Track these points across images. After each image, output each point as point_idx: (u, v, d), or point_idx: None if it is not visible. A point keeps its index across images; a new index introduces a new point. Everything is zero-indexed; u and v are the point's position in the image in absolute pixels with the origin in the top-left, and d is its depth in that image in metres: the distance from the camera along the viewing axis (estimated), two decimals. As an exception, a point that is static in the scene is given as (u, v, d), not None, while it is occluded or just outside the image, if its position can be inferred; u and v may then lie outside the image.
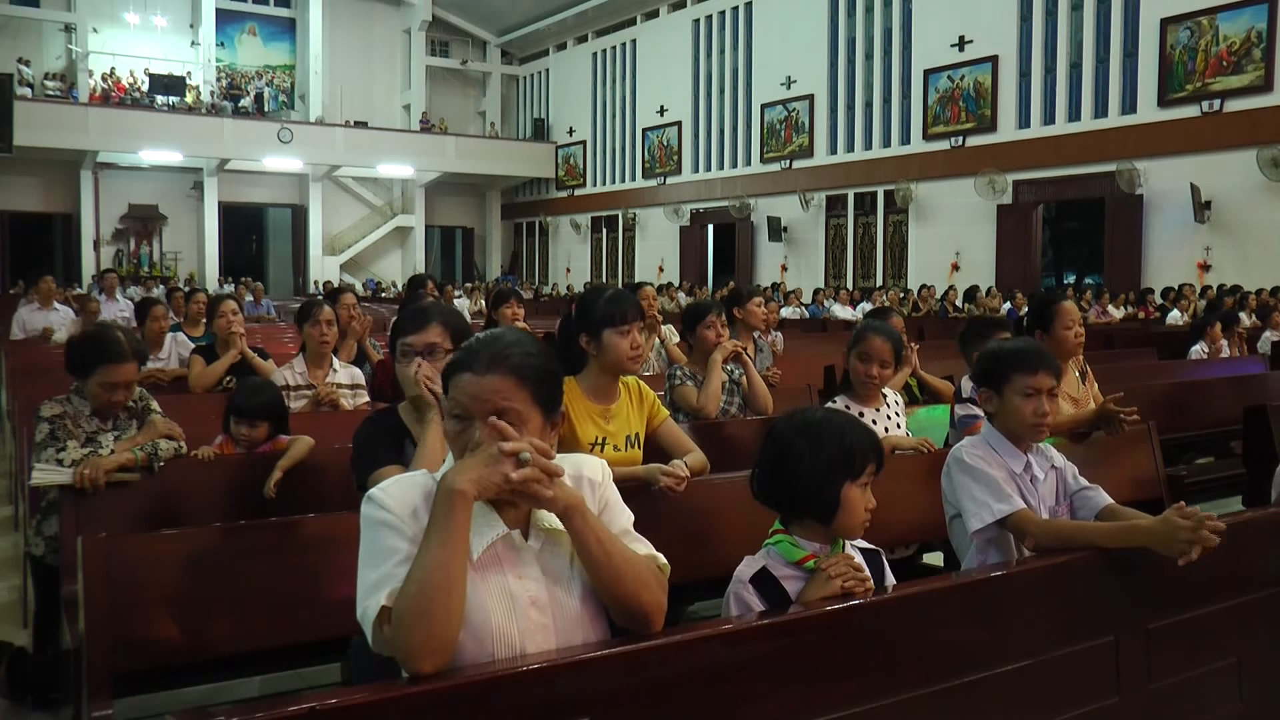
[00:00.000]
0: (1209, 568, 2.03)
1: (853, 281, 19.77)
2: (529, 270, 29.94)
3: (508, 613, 1.52)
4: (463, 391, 1.57)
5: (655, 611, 1.58)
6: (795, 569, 1.89)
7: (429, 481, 1.60)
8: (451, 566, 1.43)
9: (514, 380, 1.56)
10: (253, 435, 3.33)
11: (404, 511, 1.54)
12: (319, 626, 2.46)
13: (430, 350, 2.48)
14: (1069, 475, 2.48)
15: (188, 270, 25.12)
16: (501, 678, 1.44)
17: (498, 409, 1.54)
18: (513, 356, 1.58)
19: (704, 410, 3.84)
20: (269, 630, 2.44)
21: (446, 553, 1.43)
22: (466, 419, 1.57)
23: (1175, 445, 5.09)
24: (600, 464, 1.74)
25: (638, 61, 25.71)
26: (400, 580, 1.45)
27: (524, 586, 1.55)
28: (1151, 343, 8.72)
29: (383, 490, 1.58)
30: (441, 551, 1.43)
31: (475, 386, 1.56)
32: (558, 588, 1.58)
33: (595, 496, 1.67)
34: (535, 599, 1.55)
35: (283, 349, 6.49)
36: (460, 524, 1.45)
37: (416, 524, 1.52)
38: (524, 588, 1.55)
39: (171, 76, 24.76)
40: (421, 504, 1.55)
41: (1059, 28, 16.70)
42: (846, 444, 1.91)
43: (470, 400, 1.56)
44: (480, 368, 1.57)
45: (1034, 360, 2.43)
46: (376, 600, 1.46)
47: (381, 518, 1.54)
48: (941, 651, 1.86)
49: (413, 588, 1.42)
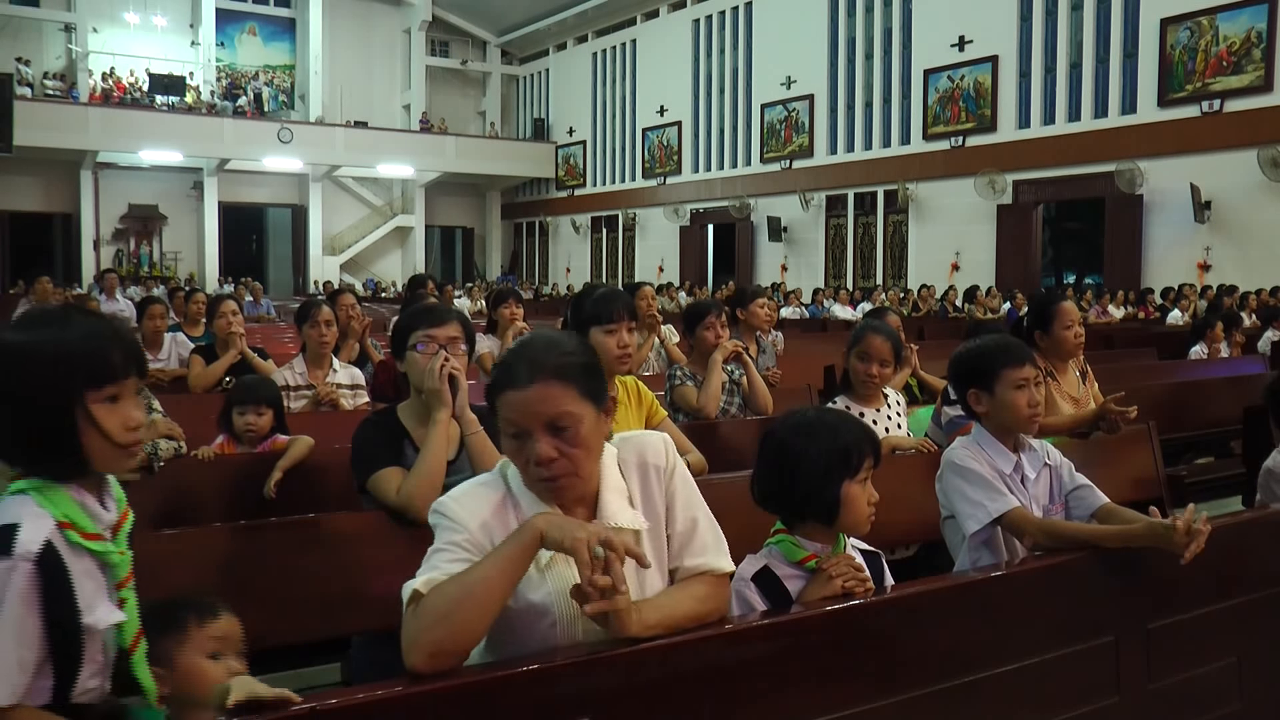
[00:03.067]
0: (1209, 568, 2.03)
1: (853, 281, 19.77)
2: (529, 270, 29.94)
3: (571, 612, 1.54)
4: (512, 409, 1.56)
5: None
6: (796, 568, 1.90)
7: (502, 485, 1.62)
8: (495, 590, 1.45)
9: (558, 384, 1.56)
10: (258, 424, 3.32)
11: (473, 523, 1.56)
12: (319, 626, 2.45)
13: (452, 344, 2.48)
14: (1065, 473, 2.47)
15: (188, 270, 25.12)
16: (501, 678, 1.44)
17: (551, 416, 1.55)
18: (549, 360, 1.57)
19: (704, 410, 3.84)
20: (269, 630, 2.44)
21: (498, 577, 1.45)
22: (523, 435, 1.56)
23: (1175, 445, 5.09)
24: (663, 441, 1.72)
25: (638, 61, 25.71)
26: (444, 575, 1.48)
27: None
28: (1151, 343, 8.73)
29: (455, 500, 1.59)
30: (495, 573, 1.45)
31: (522, 400, 1.55)
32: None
33: (661, 486, 1.68)
34: None
35: (283, 349, 6.50)
36: (523, 562, 1.47)
37: (485, 535, 1.55)
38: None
39: (171, 76, 24.76)
40: (491, 517, 1.57)
41: (1059, 28, 16.70)
42: (841, 442, 1.91)
43: (522, 415, 1.55)
44: (522, 381, 1.55)
45: (1019, 353, 2.48)
46: (415, 583, 1.48)
47: (446, 526, 1.57)
48: (941, 651, 1.86)
49: (452, 589, 1.44)
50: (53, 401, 1.45)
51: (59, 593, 1.45)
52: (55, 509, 1.47)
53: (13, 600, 1.40)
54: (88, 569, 1.50)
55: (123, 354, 1.49)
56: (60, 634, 1.45)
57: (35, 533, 1.44)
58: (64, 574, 1.46)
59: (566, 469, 1.55)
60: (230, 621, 1.78)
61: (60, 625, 1.45)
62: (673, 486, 1.69)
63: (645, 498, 1.67)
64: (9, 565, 1.40)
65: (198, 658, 1.70)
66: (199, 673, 1.68)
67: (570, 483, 1.57)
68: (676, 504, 1.68)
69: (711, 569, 1.66)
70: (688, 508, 1.69)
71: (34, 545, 1.42)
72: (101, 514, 1.54)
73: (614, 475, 1.65)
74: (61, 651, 1.46)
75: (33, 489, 1.48)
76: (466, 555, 1.52)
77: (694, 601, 1.62)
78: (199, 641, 1.71)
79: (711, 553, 1.67)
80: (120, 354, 1.49)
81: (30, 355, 1.45)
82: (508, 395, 1.56)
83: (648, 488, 1.68)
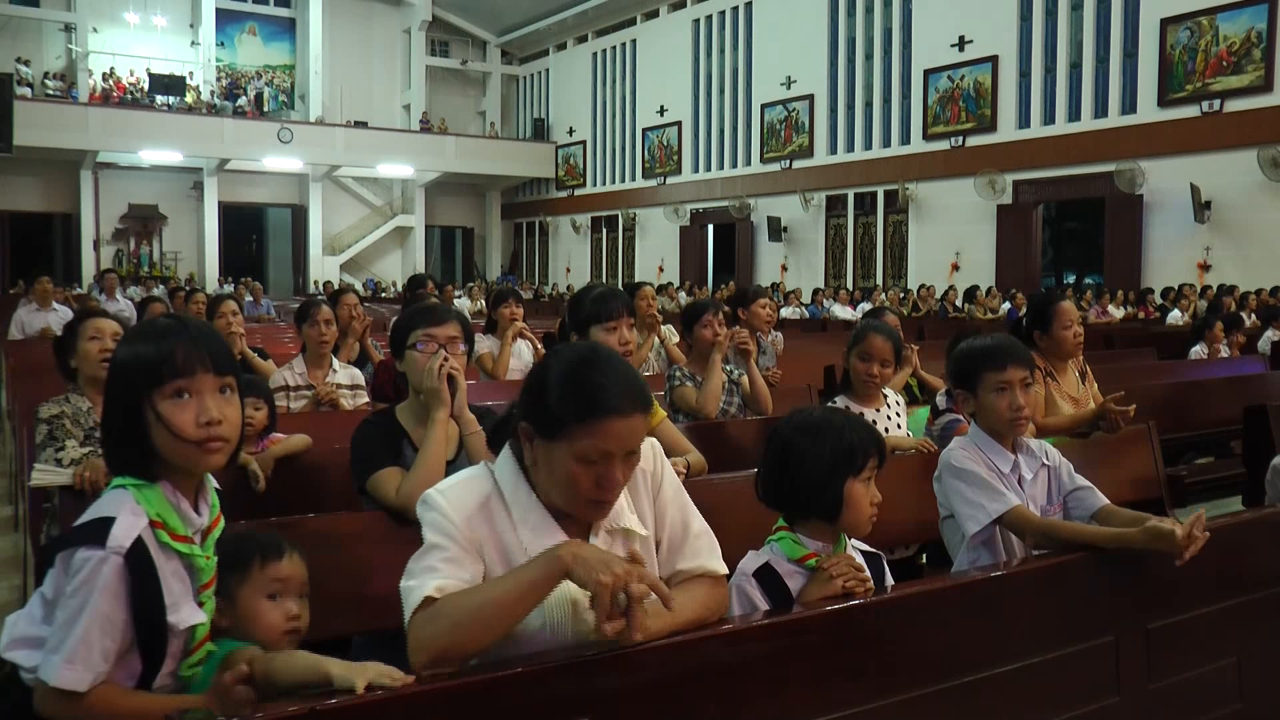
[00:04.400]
0: (1209, 568, 2.03)
1: (853, 281, 19.78)
2: (529, 270, 29.94)
3: (565, 619, 1.55)
4: (610, 438, 1.52)
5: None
6: (797, 566, 1.90)
7: (487, 484, 1.62)
8: (510, 613, 1.46)
9: (643, 416, 1.57)
10: (256, 418, 3.31)
11: (458, 517, 1.56)
12: (318, 626, 2.44)
13: (451, 343, 2.48)
14: (1064, 474, 2.46)
15: (188, 270, 25.13)
16: (501, 678, 1.44)
17: (635, 446, 1.56)
18: (642, 392, 1.57)
19: (703, 410, 3.84)
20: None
21: (514, 603, 1.46)
22: (603, 460, 1.53)
23: (1175, 445, 5.09)
24: (651, 447, 1.71)
25: (638, 61, 25.71)
26: (446, 577, 1.49)
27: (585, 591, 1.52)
28: (1151, 343, 8.72)
29: (440, 494, 1.59)
30: (512, 599, 1.46)
31: (626, 429, 1.53)
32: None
33: (650, 492, 1.69)
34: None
35: (283, 349, 6.49)
36: (543, 590, 1.47)
37: (469, 529, 1.56)
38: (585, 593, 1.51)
39: (171, 76, 24.76)
40: (476, 511, 1.58)
41: (1059, 28, 16.70)
42: (846, 441, 1.91)
43: (618, 443, 1.53)
44: (625, 411, 1.53)
45: (1001, 355, 2.42)
46: (423, 588, 1.49)
47: (432, 519, 1.57)
48: (941, 651, 1.86)
49: (468, 602, 1.46)
50: (125, 402, 1.53)
51: (146, 589, 1.52)
52: (150, 507, 1.54)
53: (101, 591, 1.47)
54: (176, 570, 1.57)
55: (188, 351, 1.53)
56: (146, 630, 1.52)
57: (128, 528, 1.50)
58: (152, 571, 1.53)
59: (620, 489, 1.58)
60: (294, 563, 1.79)
61: (146, 622, 1.52)
62: (662, 492, 1.70)
63: (634, 503, 1.68)
64: (101, 557, 1.47)
65: (258, 598, 1.73)
66: (256, 613, 1.71)
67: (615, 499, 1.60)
68: (667, 509, 1.70)
69: (709, 571, 1.68)
70: (680, 512, 1.71)
71: (126, 540, 1.49)
72: (193, 518, 1.60)
73: None
74: (147, 647, 1.54)
75: (131, 485, 1.55)
76: (460, 551, 1.53)
77: (696, 605, 1.62)
78: (260, 582, 1.73)
79: (706, 555, 1.69)
80: (185, 351, 1.53)
81: (115, 361, 1.59)
82: (611, 423, 1.52)
83: (635, 494, 1.69)
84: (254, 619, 1.72)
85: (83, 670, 1.47)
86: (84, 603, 1.47)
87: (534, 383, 1.61)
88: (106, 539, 1.48)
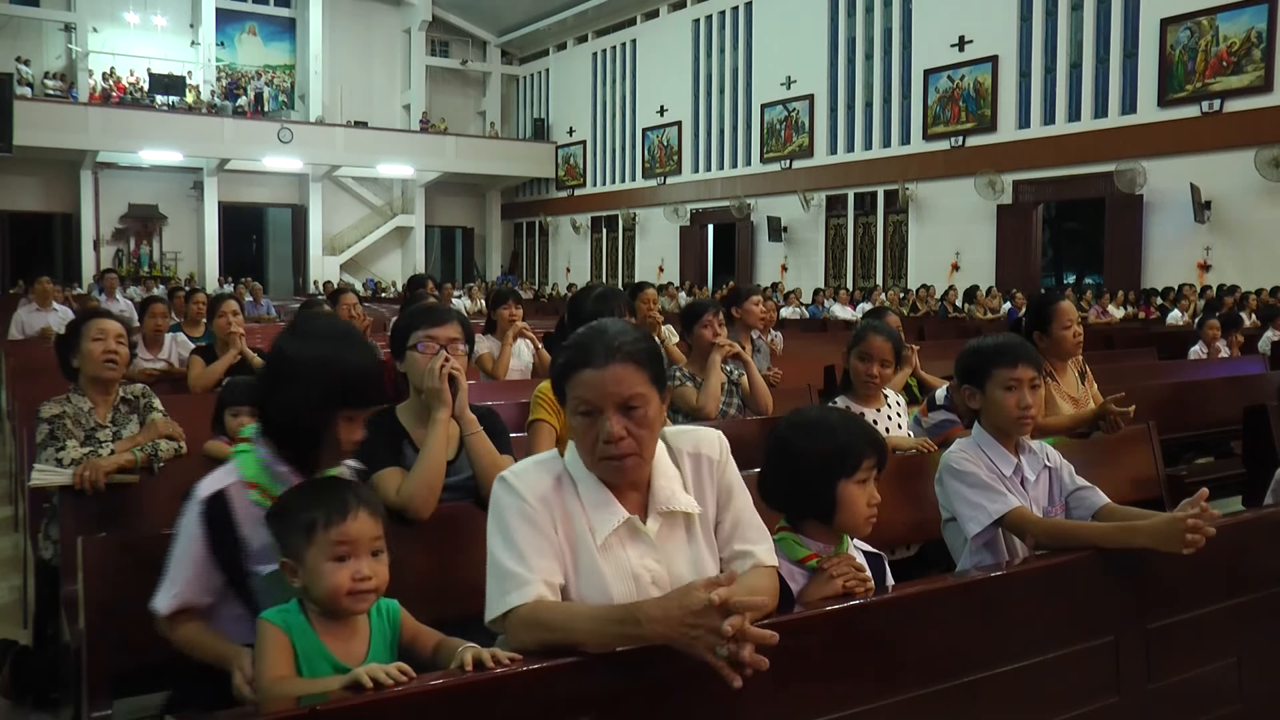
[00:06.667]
0: (1209, 568, 2.02)
1: (853, 281, 19.78)
2: (529, 270, 29.94)
3: (628, 594, 1.60)
4: (587, 388, 1.62)
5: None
6: (797, 566, 1.90)
7: (558, 465, 1.70)
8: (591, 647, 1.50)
9: (632, 366, 1.63)
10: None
11: (535, 500, 1.62)
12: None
13: (452, 344, 2.48)
14: (1065, 475, 2.46)
15: (188, 270, 25.12)
16: (502, 678, 1.44)
17: (624, 397, 1.61)
18: (625, 345, 1.64)
19: (703, 410, 3.83)
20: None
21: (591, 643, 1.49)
22: (594, 413, 1.62)
23: (1175, 445, 5.08)
24: (718, 437, 1.79)
25: (638, 61, 25.71)
26: (535, 583, 1.56)
27: (645, 566, 1.64)
28: (1151, 343, 8.71)
29: (515, 476, 1.66)
30: (590, 639, 1.49)
31: (599, 379, 1.61)
32: (677, 566, 1.66)
33: (714, 478, 1.74)
34: (657, 578, 1.64)
35: (283, 349, 6.47)
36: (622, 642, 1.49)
37: (547, 510, 1.62)
38: (646, 567, 1.64)
39: (171, 76, 24.77)
40: (551, 491, 1.64)
41: (1059, 28, 16.70)
42: (839, 442, 1.91)
43: (597, 394, 1.61)
44: (599, 361, 1.62)
45: (1013, 353, 2.44)
46: (511, 599, 1.56)
47: (517, 506, 1.62)
48: (941, 651, 1.86)
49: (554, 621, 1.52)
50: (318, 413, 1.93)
51: (223, 534, 1.85)
52: (246, 470, 1.90)
53: (188, 532, 1.86)
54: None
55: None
56: (231, 571, 1.85)
57: (212, 483, 1.89)
58: (229, 519, 1.86)
59: (632, 448, 1.62)
60: (361, 522, 1.74)
61: (229, 564, 1.85)
62: (725, 479, 1.76)
63: (696, 486, 1.73)
64: (191, 504, 1.88)
65: (322, 561, 1.72)
66: (320, 575, 1.71)
67: (634, 462, 1.64)
68: (729, 496, 1.75)
69: (761, 562, 1.73)
70: (739, 499, 1.76)
71: (205, 492, 1.87)
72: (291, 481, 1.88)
73: (666, 462, 1.72)
74: (239, 589, 1.86)
75: (240, 453, 1.93)
76: (544, 544, 1.60)
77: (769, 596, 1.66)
78: (323, 544, 1.72)
79: (762, 545, 1.75)
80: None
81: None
82: (584, 374, 1.62)
83: (699, 477, 1.74)
84: (318, 582, 1.71)
85: (164, 595, 1.84)
86: (175, 542, 1.87)
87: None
88: (196, 492, 1.87)
